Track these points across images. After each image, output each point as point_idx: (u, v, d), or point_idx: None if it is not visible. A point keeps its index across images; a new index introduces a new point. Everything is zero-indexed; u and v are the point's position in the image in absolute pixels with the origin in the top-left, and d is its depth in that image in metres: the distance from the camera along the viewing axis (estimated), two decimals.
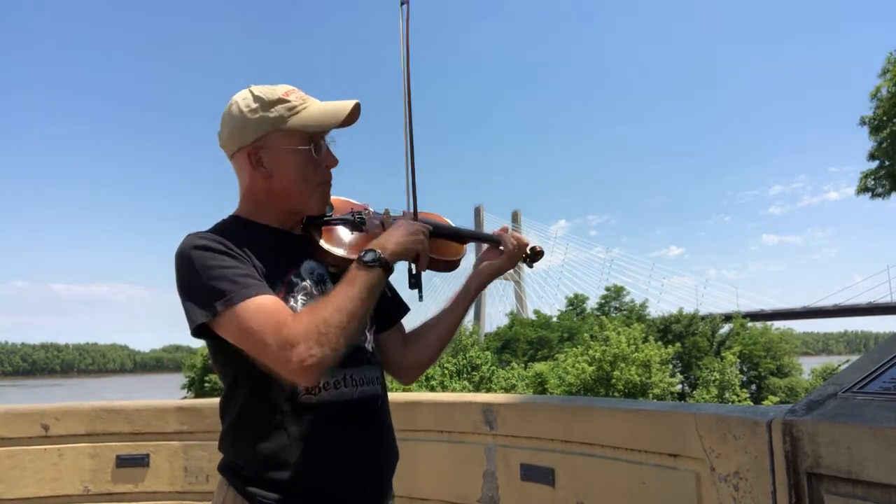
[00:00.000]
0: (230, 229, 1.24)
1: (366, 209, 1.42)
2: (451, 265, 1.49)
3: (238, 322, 1.09)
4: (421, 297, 1.36)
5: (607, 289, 51.64)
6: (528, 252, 1.59)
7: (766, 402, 32.84)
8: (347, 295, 1.11)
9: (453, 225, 1.56)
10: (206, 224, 1.24)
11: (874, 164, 18.71)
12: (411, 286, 1.31)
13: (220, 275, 1.12)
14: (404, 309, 1.49)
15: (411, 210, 1.40)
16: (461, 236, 1.54)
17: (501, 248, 1.53)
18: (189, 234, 1.20)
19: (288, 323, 1.07)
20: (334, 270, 1.30)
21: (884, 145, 17.94)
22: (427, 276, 1.47)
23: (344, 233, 1.34)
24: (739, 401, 31.09)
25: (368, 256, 1.17)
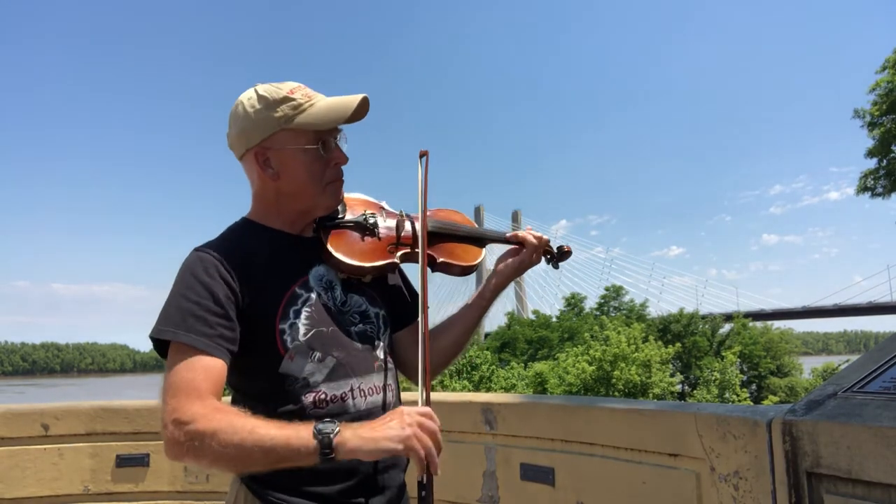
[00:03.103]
0: (238, 238, 1.24)
1: (381, 209, 1.37)
2: (466, 270, 1.43)
3: (169, 358, 1.10)
4: None
5: (607, 289, 51.56)
6: (556, 251, 1.54)
7: (766, 402, 32.80)
8: (265, 437, 1.00)
9: (474, 226, 1.50)
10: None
11: (873, 162, 18.66)
12: (420, 500, 1.06)
13: (185, 308, 1.11)
14: None
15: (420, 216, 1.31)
16: (480, 239, 1.48)
17: (523, 247, 1.48)
18: (195, 249, 1.19)
19: (192, 399, 1.04)
20: (343, 276, 1.28)
21: (881, 142, 17.87)
22: (443, 278, 1.36)
23: (355, 238, 1.30)
24: (739, 400, 31.05)
25: (323, 428, 1.00)
